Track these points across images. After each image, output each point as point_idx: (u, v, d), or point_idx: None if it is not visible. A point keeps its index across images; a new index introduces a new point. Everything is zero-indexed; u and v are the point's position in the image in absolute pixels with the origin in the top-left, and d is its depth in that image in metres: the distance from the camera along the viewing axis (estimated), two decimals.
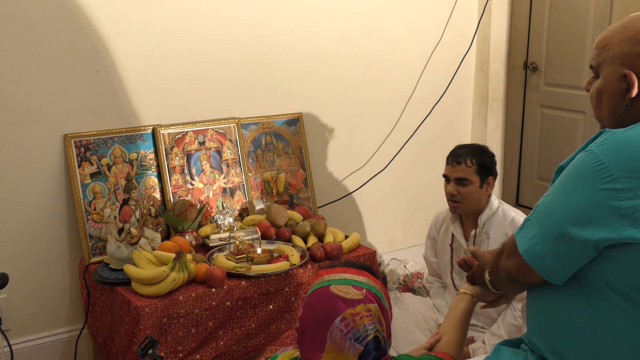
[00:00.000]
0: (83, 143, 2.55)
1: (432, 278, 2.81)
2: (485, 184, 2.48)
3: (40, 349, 2.61)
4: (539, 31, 3.69)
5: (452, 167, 2.49)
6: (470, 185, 2.45)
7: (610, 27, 1.43)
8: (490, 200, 2.51)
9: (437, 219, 2.74)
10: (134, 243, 2.41)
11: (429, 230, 2.78)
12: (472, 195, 2.46)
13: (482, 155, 2.48)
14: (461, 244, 2.56)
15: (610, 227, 1.25)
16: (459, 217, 2.59)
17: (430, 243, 2.77)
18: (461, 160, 2.46)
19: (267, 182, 2.99)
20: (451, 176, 2.49)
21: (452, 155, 2.51)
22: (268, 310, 2.44)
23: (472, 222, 2.54)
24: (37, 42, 2.44)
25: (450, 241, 2.62)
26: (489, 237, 2.47)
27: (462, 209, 2.50)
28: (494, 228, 2.48)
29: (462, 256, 1.85)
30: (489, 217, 2.48)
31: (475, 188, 2.46)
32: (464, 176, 2.45)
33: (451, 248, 2.61)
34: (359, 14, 3.21)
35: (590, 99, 1.47)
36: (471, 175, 2.45)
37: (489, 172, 2.48)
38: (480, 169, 2.46)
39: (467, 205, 2.48)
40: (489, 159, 2.49)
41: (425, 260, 2.84)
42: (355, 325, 1.43)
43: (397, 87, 3.44)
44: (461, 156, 2.47)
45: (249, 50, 2.92)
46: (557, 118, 3.68)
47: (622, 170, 1.25)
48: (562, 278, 1.36)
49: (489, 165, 2.48)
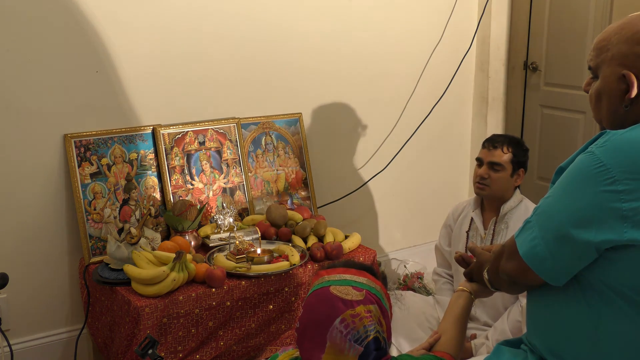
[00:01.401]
0: (83, 143, 2.56)
1: (440, 269, 2.83)
2: (516, 174, 2.54)
3: (40, 349, 2.61)
4: (539, 31, 3.69)
5: (487, 151, 2.56)
6: (502, 172, 2.51)
7: (609, 28, 1.42)
8: (516, 193, 2.57)
9: (456, 208, 2.80)
10: (134, 243, 2.41)
11: (446, 219, 2.82)
12: (501, 182, 2.52)
13: (518, 147, 2.55)
14: (478, 230, 2.59)
15: (612, 229, 1.25)
16: (481, 205, 2.63)
17: (445, 232, 2.81)
18: (498, 145, 2.53)
19: (267, 182, 2.99)
20: (485, 159, 2.55)
21: (490, 140, 2.58)
22: (268, 310, 2.44)
23: (494, 210, 2.58)
24: (37, 42, 2.44)
25: (468, 228, 2.65)
26: (508, 228, 2.52)
27: (488, 192, 2.54)
28: (514, 219, 2.52)
29: (459, 252, 1.86)
30: (511, 208, 2.53)
31: (506, 175, 2.52)
32: (498, 161, 2.51)
33: (467, 235, 2.64)
34: (359, 14, 3.21)
35: (589, 100, 1.47)
36: (505, 162, 2.51)
37: (522, 164, 2.55)
38: (515, 158, 2.53)
39: (494, 190, 2.53)
40: (523, 152, 2.57)
41: (436, 250, 2.86)
42: (355, 326, 1.43)
43: (397, 87, 3.44)
44: (499, 142, 2.54)
45: (249, 50, 2.92)
46: (557, 118, 3.68)
47: (623, 172, 1.24)
48: (562, 280, 1.36)
49: (522, 157, 2.55)
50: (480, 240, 2.59)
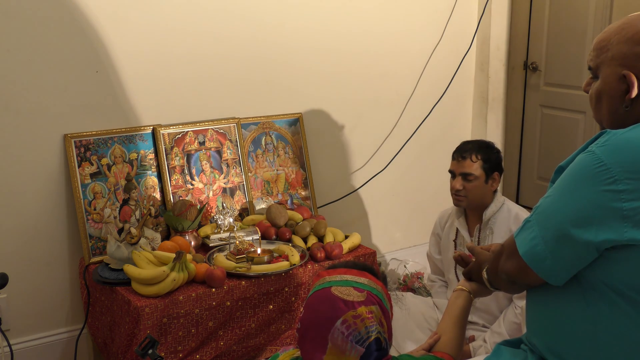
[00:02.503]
0: (83, 143, 2.55)
1: (434, 276, 2.83)
2: (491, 179, 2.50)
3: (40, 349, 2.61)
4: (539, 31, 3.69)
5: (457, 163, 2.52)
6: (475, 181, 2.48)
7: (609, 28, 1.42)
8: (496, 197, 2.54)
9: (442, 216, 2.77)
10: (134, 243, 2.41)
11: (434, 227, 2.80)
12: (477, 190, 2.49)
13: (488, 151, 2.51)
14: (465, 239, 2.57)
15: (612, 228, 1.25)
16: (464, 212, 2.61)
17: (434, 240, 2.79)
18: (466, 155, 2.49)
19: (267, 182, 2.99)
20: (457, 171, 2.52)
21: (458, 151, 2.54)
22: (268, 310, 2.44)
23: (477, 217, 2.56)
24: (37, 42, 2.44)
25: (455, 237, 2.63)
26: (493, 233, 2.50)
27: (466, 203, 2.52)
28: (498, 224, 2.50)
29: (458, 252, 1.85)
30: (494, 213, 2.51)
31: (481, 183, 2.48)
32: (469, 171, 2.47)
33: (455, 244, 2.63)
34: (359, 14, 3.21)
35: (590, 100, 1.46)
36: (476, 171, 2.48)
37: (494, 167, 2.51)
38: (486, 164, 2.49)
39: (472, 199, 2.50)
40: (494, 155, 2.52)
41: (428, 258, 2.85)
42: (356, 327, 1.43)
43: (397, 87, 3.44)
44: (467, 151, 2.50)
45: (249, 50, 2.92)
46: (557, 118, 3.68)
47: (623, 172, 1.24)
48: (562, 279, 1.36)
49: (494, 160, 2.51)
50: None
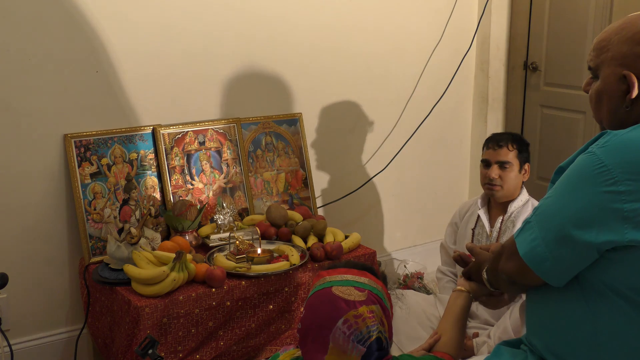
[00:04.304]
0: (83, 143, 2.55)
1: (444, 268, 2.84)
2: (523, 169, 2.55)
3: (40, 349, 2.61)
4: (539, 31, 3.69)
5: (493, 151, 2.54)
6: (511, 170, 2.51)
7: (609, 28, 1.42)
8: (523, 191, 2.57)
9: (463, 206, 2.80)
10: (134, 243, 2.41)
11: (452, 217, 2.83)
12: (512, 180, 2.52)
13: (521, 142, 2.56)
14: (485, 228, 2.59)
15: (613, 230, 1.25)
16: (488, 202, 2.63)
17: (451, 230, 2.82)
18: (503, 144, 2.52)
19: (267, 182, 2.99)
20: (492, 160, 2.54)
21: (493, 140, 2.57)
22: (268, 310, 2.44)
23: (501, 209, 2.59)
24: (37, 42, 2.44)
25: (474, 225, 2.65)
26: (515, 226, 2.51)
27: (501, 192, 2.54)
28: (521, 218, 2.52)
29: (457, 252, 1.86)
30: (519, 208, 2.53)
31: (516, 172, 2.52)
32: (506, 159, 2.51)
33: (473, 232, 2.64)
34: (359, 13, 3.21)
35: (590, 101, 1.46)
36: (513, 159, 2.52)
37: (527, 158, 2.56)
38: (520, 154, 2.53)
39: (507, 189, 2.53)
40: (525, 146, 2.57)
41: (441, 248, 2.87)
42: (358, 327, 1.43)
43: (397, 87, 3.44)
44: (502, 140, 2.53)
45: (249, 50, 2.92)
46: (557, 118, 3.68)
47: (624, 173, 1.24)
48: (562, 280, 1.36)
49: (526, 151, 2.56)
50: (487, 237, 2.59)
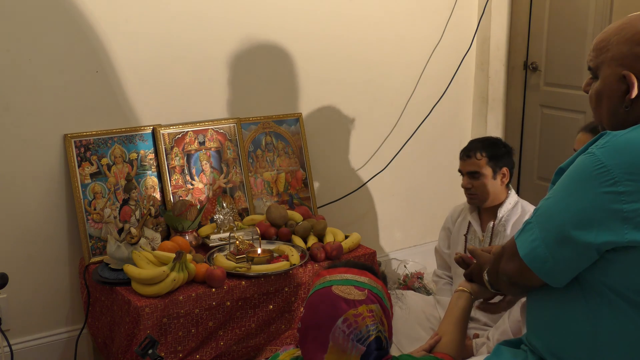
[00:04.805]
0: (83, 143, 2.55)
1: (440, 271, 2.84)
2: (499, 175, 2.53)
3: (40, 349, 2.61)
4: (539, 31, 3.69)
5: (463, 162, 2.57)
6: (482, 178, 2.51)
7: (608, 28, 1.42)
8: (510, 195, 2.57)
9: (454, 211, 2.80)
10: (134, 243, 2.41)
11: (445, 221, 2.83)
12: (486, 187, 2.52)
13: (493, 147, 2.54)
14: (477, 234, 2.59)
15: (613, 230, 1.25)
16: (477, 208, 2.64)
17: (444, 234, 2.82)
18: (471, 154, 2.53)
19: (267, 182, 2.99)
20: (463, 170, 2.57)
21: (464, 150, 2.59)
22: (268, 310, 2.44)
23: (491, 214, 2.59)
24: (37, 42, 2.44)
25: (466, 231, 2.65)
26: (506, 231, 2.52)
27: (477, 200, 2.56)
28: (512, 222, 2.52)
29: (459, 253, 1.86)
30: (508, 211, 2.53)
31: (488, 180, 2.51)
32: (474, 169, 2.52)
33: (465, 238, 2.65)
34: (359, 14, 3.21)
35: (590, 101, 1.46)
36: (482, 168, 2.51)
37: (502, 163, 2.53)
38: (491, 160, 2.51)
39: (483, 196, 2.54)
40: (501, 150, 2.55)
41: (435, 252, 2.87)
42: (357, 326, 1.43)
43: (397, 87, 3.44)
44: (471, 150, 2.54)
45: (248, 50, 2.92)
46: (557, 118, 3.68)
47: (624, 173, 1.24)
48: (563, 281, 1.36)
49: (501, 156, 2.54)
50: (479, 243, 2.59)
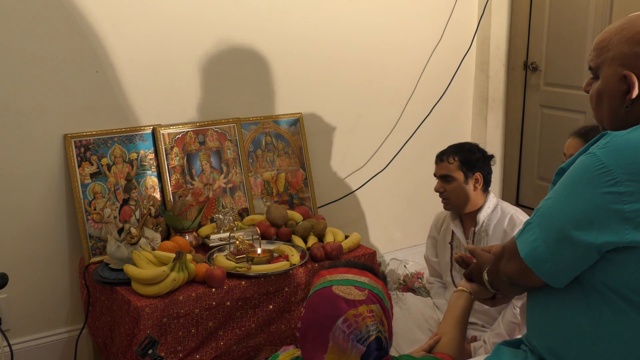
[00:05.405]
0: (83, 143, 2.55)
1: (432, 279, 2.84)
2: (471, 180, 2.52)
3: (40, 349, 2.61)
4: (539, 31, 3.69)
5: (436, 165, 2.59)
6: (453, 182, 2.52)
7: (609, 28, 1.42)
8: (489, 199, 2.56)
9: (437, 219, 2.79)
10: (134, 243, 2.41)
11: (430, 230, 2.81)
12: (457, 191, 2.52)
13: (466, 152, 2.54)
14: (461, 241, 2.59)
15: (614, 230, 1.25)
16: (459, 215, 2.62)
17: (431, 243, 2.80)
18: (444, 157, 2.55)
19: (267, 182, 2.99)
20: (436, 174, 2.59)
21: (438, 154, 2.61)
22: (268, 310, 2.44)
23: (472, 220, 2.58)
24: (37, 42, 2.44)
25: (450, 239, 2.65)
26: (488, 235, 2.52)
27: (450, 205, 2.56)
28: (492, 226, 2.52)
29: (459, 253, 1.86)
30: (487, 215, 2.53)
31: (460, 184, 2.51)
32: (446, 173, 2.53)
33: (451, 246, 2.65)
34: (359, 14, 3.21)
35: (590, 101, 1.46)
36: (453, 172, 2.51)
37: (475, 168, 2.53)
38: (463, 165, 2.52)
39: (455, 201, 2.54)
40: (475, 156, 2.54)
41: (425, 260, 2.86)
42: (357, 326, 1.43)
43: (397, 87, 3.44)
44: (444, 154, 2.56)
45: (248, 50, 2.92)
46: (557, 118, 3.68)
47: (625, 174, 1.24)
48: (563, 281, 1.36)
49: (474, 161, 2.53)
50: (464, 250, 2.57)
